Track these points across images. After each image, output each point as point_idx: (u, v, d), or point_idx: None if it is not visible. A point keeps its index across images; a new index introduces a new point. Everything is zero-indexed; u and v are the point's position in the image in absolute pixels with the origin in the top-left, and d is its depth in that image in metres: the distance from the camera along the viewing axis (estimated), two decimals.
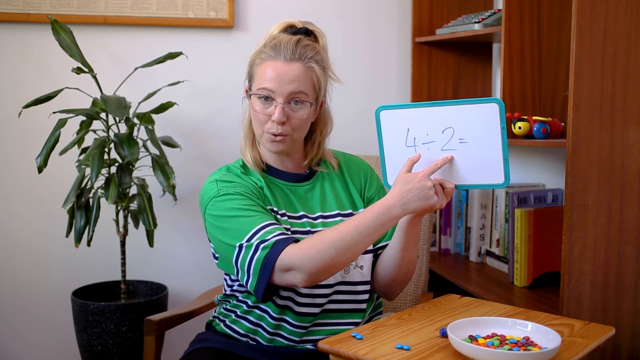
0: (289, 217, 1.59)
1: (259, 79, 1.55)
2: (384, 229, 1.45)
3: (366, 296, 1.64)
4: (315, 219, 1.62)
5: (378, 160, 2.10)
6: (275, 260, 1.42)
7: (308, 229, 1.59)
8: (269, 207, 1.57)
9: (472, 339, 1.32)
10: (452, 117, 1.47)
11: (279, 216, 1.57)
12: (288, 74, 1.52)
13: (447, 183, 1.50)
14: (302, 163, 1.66)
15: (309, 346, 1.58)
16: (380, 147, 1.56)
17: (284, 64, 1.53)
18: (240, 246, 1.46)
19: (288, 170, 1.64)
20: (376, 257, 1.68)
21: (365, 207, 1.67)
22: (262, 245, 1.44)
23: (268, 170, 1.63)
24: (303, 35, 1.58)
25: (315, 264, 1.41)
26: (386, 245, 1.67)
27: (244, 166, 1.64)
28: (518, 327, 1.39)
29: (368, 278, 1.64)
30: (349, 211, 1.65)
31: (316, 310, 1.57)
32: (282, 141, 1.55)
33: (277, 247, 1.43)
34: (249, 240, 1.45)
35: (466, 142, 1.47)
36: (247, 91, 1.62)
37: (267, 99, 1.54)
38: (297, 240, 1.46)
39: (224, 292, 1.68)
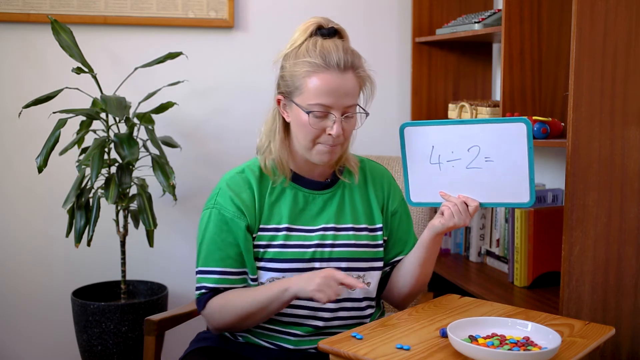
0: (292, 230, 1.57)
1: (309, 92, 1.48)
2: (280, 307, 1.51)
3: (370, 311, 1.64)
4: (326, 230, 1.59)
5: (379, 160, 2.10)
6: (200, 310, 1.60)
7: (317, 242, 1.57)
8: (262, 226, 1.56)
9: (472, 339, 1.32)
10: (478, 135, 1.49)
11: (274, 232, 1.56)
12: (343, 86, 1.47)
13: (471, 201, 1.52)
14: (329, 168, 1.62)
15: (310, 350, 1.59)
16: (404, 163, 1.57)
17: (338, 76, 1.47)
18: (197, 272, 1.60)
19: (314, 177, 1.61)
20: (392, 268, 1.69)
21: (385, 221, 1.66)
22: (200, 291, 1.58)
23: (289, 176, 1.60)
24: (336, 37, 1.55)
25: (219, 324, 1.57)
26: (400, 260, 1.67)
27: (261, 168, 1.59)
28: (518, 327, 1.39)
29: (373, 295, 1.63)
30: (364, 225, 1.62)
31: (320, 323, 1.57)
32: (335, 152, 1.53)
33: (203, 300, 1.58)
34: (200, 273, 1.58)
35: (492, 161, 1.49)
36: (279, 100, 1.56)
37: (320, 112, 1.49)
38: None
39: None
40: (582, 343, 1.36)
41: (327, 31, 1.55)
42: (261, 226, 1.56)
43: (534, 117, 1.95)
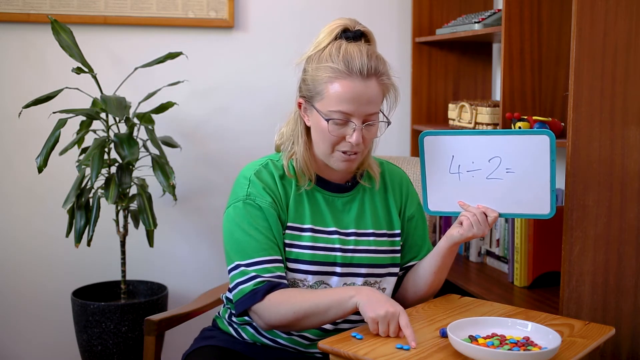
0: (315, 231, 1.55)
1: (331, 98, 1.45)
2: (338, 314, 1.43)
3: None
4: (348, 235, 1.57)
5: None
6: (255, 303, 1.46)
7: (338, 245, 1.55)
8: (288, 224, 1.54)
9: (472, 339, 1.32)
10: (500, 146, 1.49)
11: (298, 232, 1.54)
12: (365, 94, 1.45)
13: (490, 211, 1.51)
14: (350, 173, 1.60)
15: (317, 354, 1.58)
16: (422, 172, 1.57)
17: (360, 83, 1.44)
18: (238, 266, 1.49)
19: (333, 180, 1.59)
20: (404, 273, 1.68)
21: (402, 226, 1.65)
22: (255, 280, 1.46)
23: (313, 178, 1.57)
24: (362, 41, 1.52)
25: (273, 319, 1.46)
26: (413, 265, 1.66)
27: (283, 166, 1.57)
28: (518, 327, 1.39)
29: None
30: (384, 231, 1.61)
31: (329, 326, 1.56)
32: (354, 160, 1.51)
33: (262, 290, 1.46)
34: (247, 266, 1.48)
35: (513, 172, 1.50)
36: (300, 104, 1.53)
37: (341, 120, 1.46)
38: (286, 285, 1.49)
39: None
40: (582, 343, 1.36)
41: (353, 34, 1.52)
42: (288, 224, 1.54)
43: (534, 117, 1.95)
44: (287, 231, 1.54)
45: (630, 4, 1.70)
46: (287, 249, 1.53)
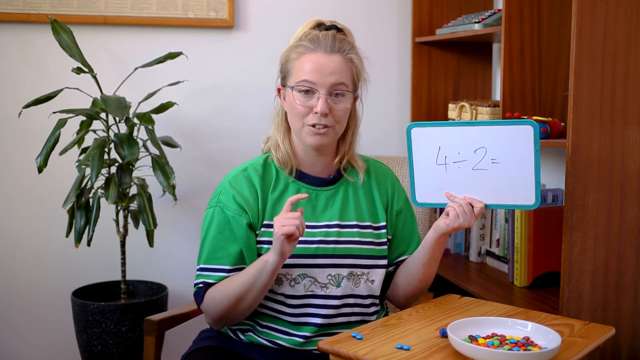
0: None
1: (298, 72, 1.54)
2: (265, 280, 1.48)
3: (374, 309, 1.63)
4: (330, 227, 1.59)
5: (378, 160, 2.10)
6: (200, 303, 1.59)
7: (319, 238, 1.57)
8: (265, 223, 1.57)
9: (472, 339, 1.32)
10: (485, 137, 1.50)
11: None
12: (329, 65, 1.52)
13: (476, 202, 1.53)
14: (331, 163, 1.63)
15: (315, 351, 1.58)
16: (410, 163, 1.58)
17: (324, 56, 1.53)
18: (198, 268, 1.60)
19: (315, 173, 1.62)
20: (396, 268, 1.69)
21: (390, 221, 1.67)
22: (198, 285, 1.58)
23: (293, 172, 1.61)
24: (335, 31, 1.59)
25: (215, 314, 1.56)
26: (404, 260, 1.68)
27: (264, 165, 1.62)
28: (518, 327, 1.39)
29: (377, 293, 1.63)
30: (368, 223, 1.63)
31: (324, 321, 1.57)
32: (324, 134, 1.54)
33: (202, 291, 1.57)
34: (198, 270, 1.59)
35: (498, 163, 1.51)
36: (279, 89, 1.61)
37: (308, 91, 1.52)
38: None
39: None
40: (582, 343, 1.36)
41: (326, 27, 1.60)
42: (265, 222, 1.57)
43: (534, 117, 1.95)
44: (263, 229, 1.57)
45: (630, 4, 1.70)
46: (267, 245, 1.56)
